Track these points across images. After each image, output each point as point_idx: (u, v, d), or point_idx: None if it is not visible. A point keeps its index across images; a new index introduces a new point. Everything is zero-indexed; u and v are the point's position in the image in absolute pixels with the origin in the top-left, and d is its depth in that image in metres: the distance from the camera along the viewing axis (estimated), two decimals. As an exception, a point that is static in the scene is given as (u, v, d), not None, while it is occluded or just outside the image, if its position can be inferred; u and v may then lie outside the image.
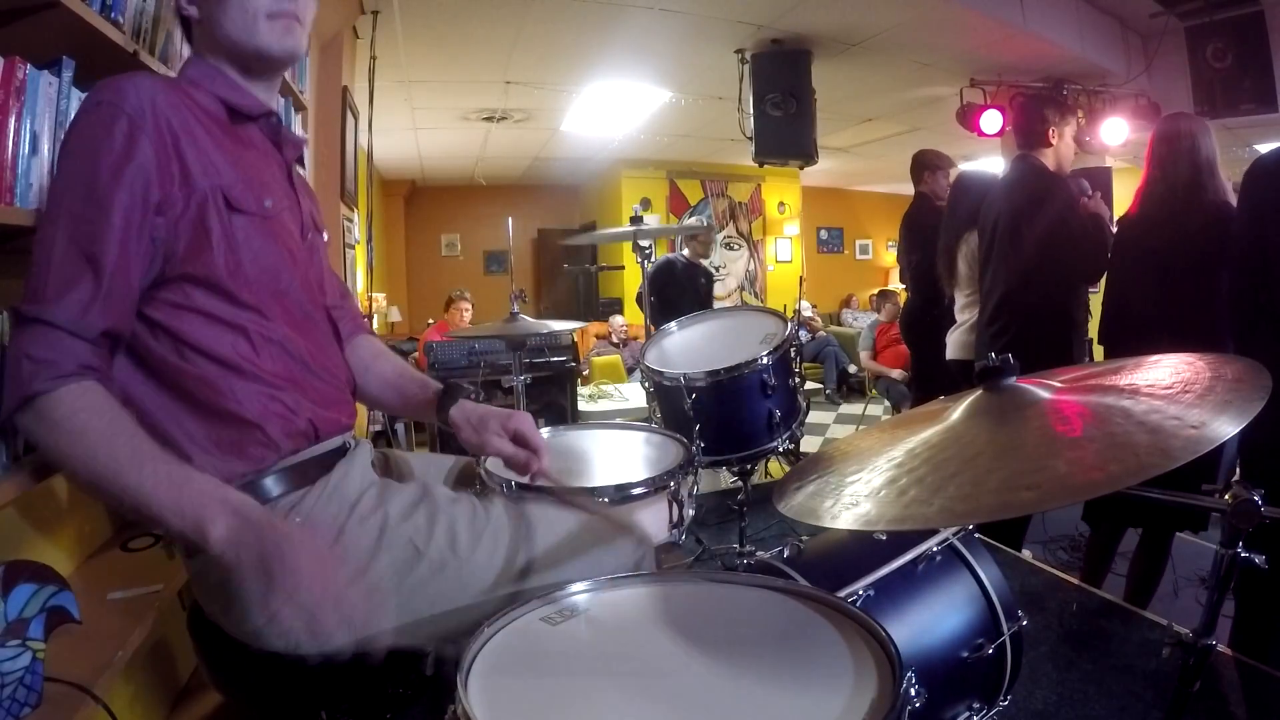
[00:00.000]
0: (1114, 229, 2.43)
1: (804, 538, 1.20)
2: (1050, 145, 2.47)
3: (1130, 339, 2.21)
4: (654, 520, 1.34)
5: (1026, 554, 2.56)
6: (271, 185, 0.97)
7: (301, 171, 1.14)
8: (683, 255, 4.41)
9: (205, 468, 0.85)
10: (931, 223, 3.21)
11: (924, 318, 3.41)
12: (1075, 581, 2.31)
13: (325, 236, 1.16)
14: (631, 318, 6.69)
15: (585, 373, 5.44)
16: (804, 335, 7.05)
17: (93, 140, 0.81)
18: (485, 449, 1.09)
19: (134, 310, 0.83)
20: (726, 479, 3.18)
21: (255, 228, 0.91)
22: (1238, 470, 2.08)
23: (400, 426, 4.64)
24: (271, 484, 0.91)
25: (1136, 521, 2.29)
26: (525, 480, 1.13)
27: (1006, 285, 2.47)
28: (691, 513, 1.45)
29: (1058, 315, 2.42)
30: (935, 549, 1.13)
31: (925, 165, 3.49)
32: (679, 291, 4.03)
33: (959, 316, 2.98)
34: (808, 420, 2.08)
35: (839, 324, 9.14)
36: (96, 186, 0.79)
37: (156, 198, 0.82)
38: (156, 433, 0.84)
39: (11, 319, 0.77)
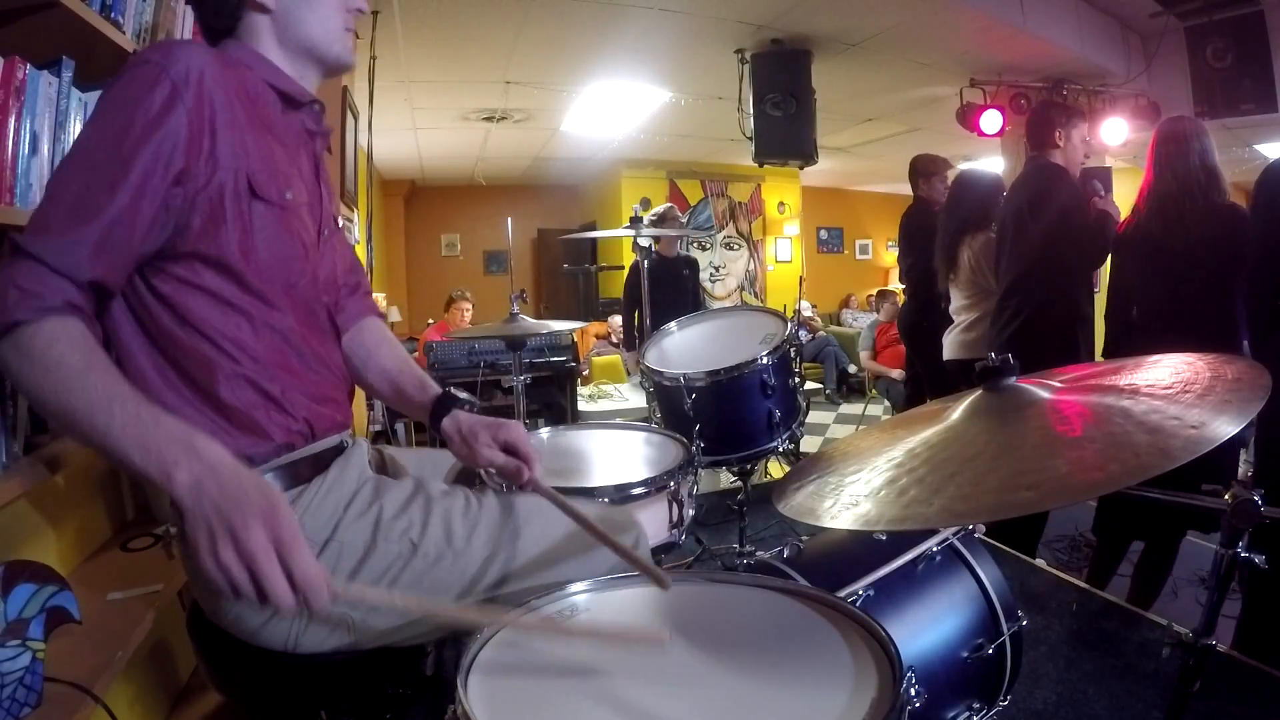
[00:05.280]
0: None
1: (804, 538, 1.20)
2: (1058, 147, 2.56)
3: (1142, 346, 2.20)
4: (654, 520, 1.35)
5: (1040, 561, 2.55)
6: (295, 178, 0.97)
7: (327, 159, 1.13)
8: (654, 253, 4.36)
9: None
10: (928, 227, 3.22)
11: (921, 321, 3.42)
12: (1075, 581, 2.31)
13: (340, 224, 1.16)
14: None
15: (585, 373, 5.44)
16: (804, 335, 7.05)
17: (131, 97, 0.81)
18: (476, 460, 1.08)
19: (130, 268, 0.83)
20: (726, 479, 3.18)
21: (273, 217, 0.91)
22: (1240, 469, 2.08)
23: (400, 426, 4.64)
24: (269, 481, 0.91)
25: (1143, 534, 2.30)
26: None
27: (1014, 275, 2.54)
28: (691, 513, 1.46)
29: (1064, 304, 2.48)
30: (935, 549, 1.13)
31: (920, 172, 3.51)
32: (658, 288, 3.97)
33: (956, 317, 2.99)
34: (808, 420, 2.08)
35: (839, 324, 9.14)
36: (124, 142, 0.79)
37: (179, 166, 0.82)
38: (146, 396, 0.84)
39: (9, 248, 0.77)
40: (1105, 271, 2.52)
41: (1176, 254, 2.12)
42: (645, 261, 2.89)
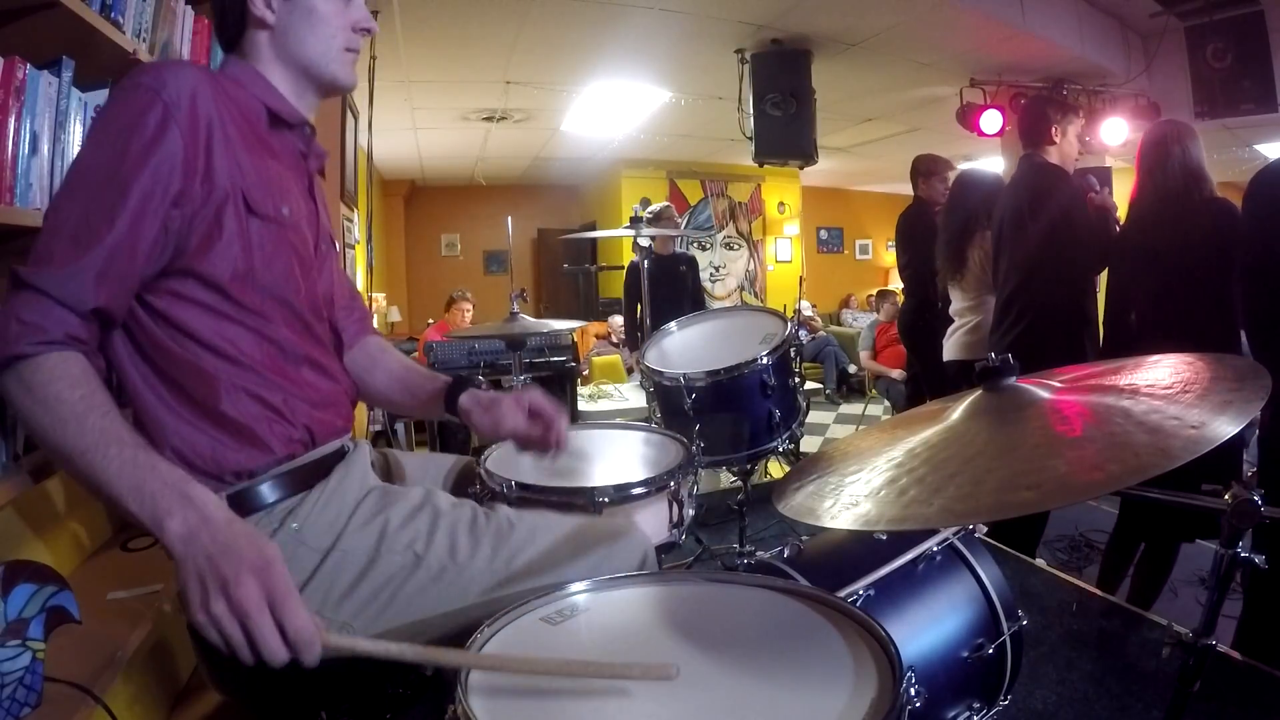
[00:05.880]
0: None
1: (804, 538, 1.20)
2: (1054, 143, 2.51)
3: (1137, 345, 2.21)
4: (654, 520, 1.34)
5: (1040, 561, 2.55)
6: (291, 194, 0.97)
7: (321, 181, 1.14)
8: (651, 252, 4.34)
9: (192, 461, 0.86)
10: (927, 227, 3.22)
11: (918, 320, 3.42)
12: (1075, 581, 2.31)
13: (337, 247, 1.17)
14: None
15: (585, 373, 5.44)
16: (804, 335, 7.05)
17: (125, 122, 0.81)
18: (500, 428, 1.09)
19: (132, 293, 0.83)
20: (726, 479, 3.18)
21: (270, 233, 0.91)
22: (1243, 469, 2.08)
23: (400, 426, 4.64)
24: (267, 490, 0.91)
25: (1149, 537, 2.30)
26: (528, 481, 1.13)
27: (1017, 279, 2.49)
28: (691, 513, 1.46)
29: (1069, 307, 2.44)
30: (935, 549, 1.13)
31: (920, 172, 3.50)
32: (656, 287, 3.95)
33: (958, 318, 2.98)
34: (808, 420, 2.08)
35: (839, 324, 9.14)
36: (120, 168, 0.79)
37: (177, 189, 0.82)
38: (148, 425, 0.85)
39: (10, 280, 0.77)
40: (1104, 273, 2.52)
41: (1163, 257, 2.13)
42: (645, 261, 2.89)
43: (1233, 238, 2.02)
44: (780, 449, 1.97)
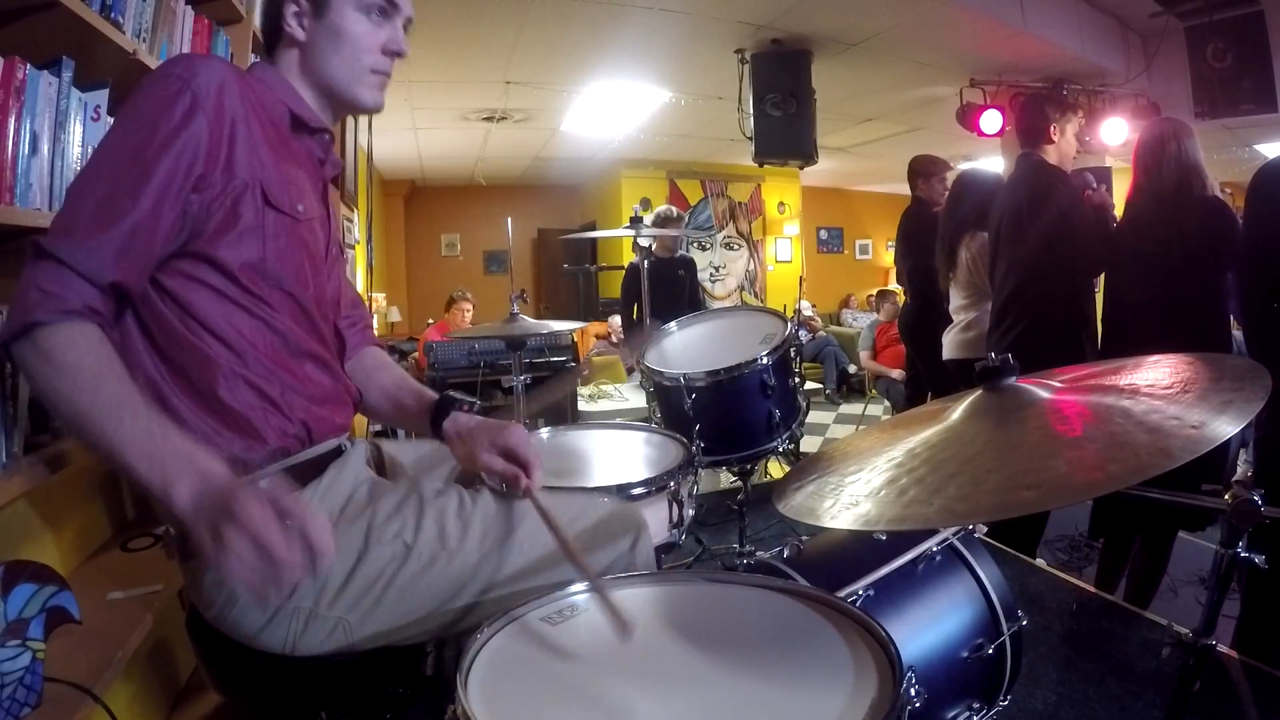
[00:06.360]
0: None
1: (804, 538, 1.20)
2: (1052, 142, 2.49)
3: (1132, 344, 2.21)
4: (654, 520, 1.35)
5: (1040, 561, 2.54)
6: (307, 194, 0.99)
7: (333, 188, 1.15)
8: (651, 254, 4.31)
9: None
10: (928, 227, 3.22)
11: (922, 320, 3.42)
12: (1075, 581, 2.31)
13: (345, 255, 1.18)
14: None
15: (585, 373, 5.44)
16: (804, 335, 7.04)
17: (154, 107, 0.84)
18: (475, 464, 1.07)
19: (149, 271, 0.85)
20: (726, 479, 3.18)
21: (285, 228, 0.94)
22: (1239, 469, 2.08)
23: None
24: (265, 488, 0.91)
25: (1138, 528, 2.30)
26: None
27: (1016, 280, 2.48)
28: (691, 513, 1.46)
29: (1067, 308, 2.43)
30: (935, 549, 1.13)
31: (919, 173, 3.49)
32: (654, 289, 3.93)
33: (955, 317, 2.98)
34: (808, 420, 2.08)
35: (839, 324, 9.14)
36: (146, 150, 0.82)
37: (198, 174, 0.85)
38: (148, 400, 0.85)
39: (31, 250, 0.79)
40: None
41: (1157, 255, 2.13)
42: (645, 262, 2.89)
43: (1224, 236, 2.02)
44: (780, 449, 1.97)
